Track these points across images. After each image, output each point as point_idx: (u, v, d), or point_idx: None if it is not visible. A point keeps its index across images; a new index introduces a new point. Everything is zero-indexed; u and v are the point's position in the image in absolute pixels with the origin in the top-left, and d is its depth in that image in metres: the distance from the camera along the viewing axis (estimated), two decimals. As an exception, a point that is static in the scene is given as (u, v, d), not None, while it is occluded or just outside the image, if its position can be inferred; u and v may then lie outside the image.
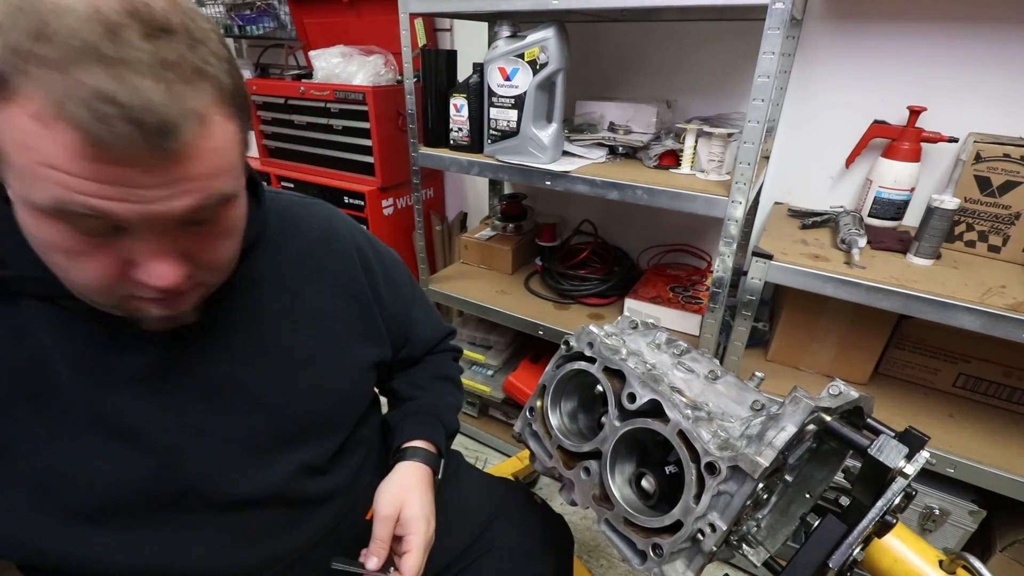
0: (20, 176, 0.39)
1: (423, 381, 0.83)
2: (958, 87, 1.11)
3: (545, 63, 1.09)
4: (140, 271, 0.44)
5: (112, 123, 0.36)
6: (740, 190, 0.96)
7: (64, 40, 0.36)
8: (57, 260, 0.44)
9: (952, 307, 0.88)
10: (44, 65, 0.36)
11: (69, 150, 0.37)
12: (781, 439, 0.47)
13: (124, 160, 0.38)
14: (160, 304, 0.48)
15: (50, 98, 0.36)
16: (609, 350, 0.61)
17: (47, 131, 0.37)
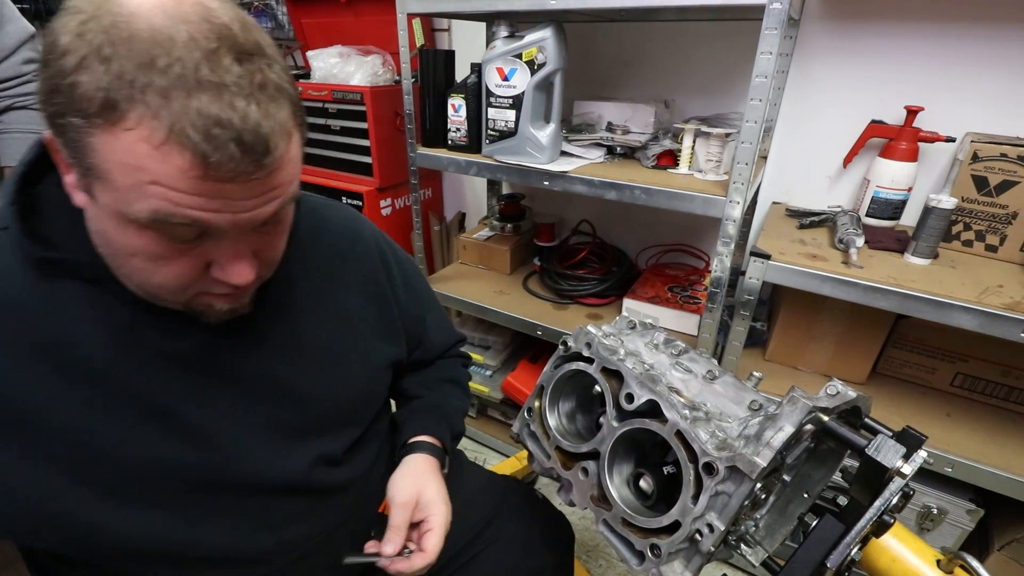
0: (118, 192, 0.41)
1: (431, 382, 0.85)
2: (955, 87, 1.12)
3: (543, 63, 1.09)
4: (219, 271, 0.48)
5: (221, 145, 0.40)
6: (738, 190, 0.96)
7: (172, 69, 0.39)
8: (137, 264, 0.46)
9: (949, 306, 0.88)
10: (155, 92, 0.38)
11: (179, 169, 0.40)
12: (779, 439, 0.47)
13: (228, 177, 0.41)
14: (227, 299, 0.52)
15: (163, 123, 0.39)
16: (607, 350, 0.61)
17: (158, 153, 0.39)
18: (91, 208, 0.45)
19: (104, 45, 0.38)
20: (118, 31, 0.38)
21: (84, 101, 0.39)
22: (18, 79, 0.98)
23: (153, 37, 0.39)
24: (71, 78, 0.38)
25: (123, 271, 0.48)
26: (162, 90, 0.38)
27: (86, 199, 0.45)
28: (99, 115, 0.39)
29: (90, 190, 0.43)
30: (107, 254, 0.48)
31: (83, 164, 0.42)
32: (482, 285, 1.57)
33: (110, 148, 0.40)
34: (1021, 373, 1.07)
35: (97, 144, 0.40)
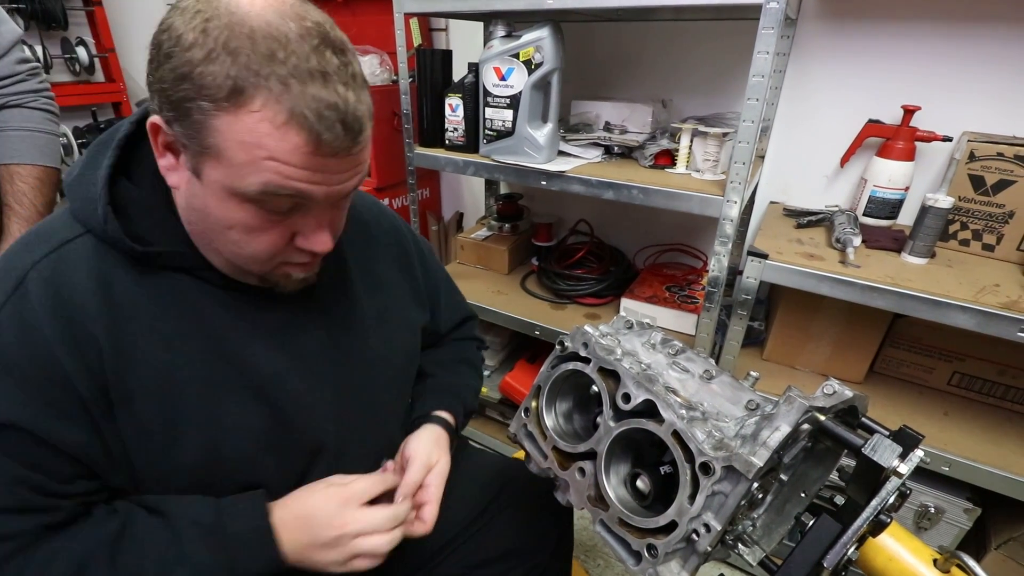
0: (232, 167, 0.47)
1: (446, 362, 0.89)
2: (952, 86, 1.12)
3: (540, 63, 1.09)
4: (304, 240, 0.54)
5: (331, 125, 0.47)
6: (735, 189, 0.96)
7: (290, 60, 0.45)
8: (233, 236, 0.52)
9: (947, 306, 0.88)
10: (277, 80, 0.45)
11: (295, 146, 0.46)
12: (775, 439, 0.46)
13: (332, 152, 0.48)
14: (304, 268, 0.59)
15: (284, 106, 0.45)
16: (604, 350, 0.61)
17: (278, 132, 0.45)
18: (193, 186, 0.51)
19: (230, 39, 0.44)
20: (241, 28, 0.44)
21: (213, 88, 0.44)
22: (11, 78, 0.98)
23: (270, 33, 0.45)
24: (200, 68, 0.44)
25: (215, 244, 0.54)
26: (282, 78, 0.45)
27: (188, 178, 0.50)
28: (227, 99, 0.44)
29: (198, 168, 0.49)
30: (201, 230, 0.54)
31: (201, 144, 0.47)
32: (480, 285, 1.57)
33: (233, 128, 0.45)
34: (1018, 372, 1.07)
35: (220, 125, 0.45)
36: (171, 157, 0.51)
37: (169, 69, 0.45)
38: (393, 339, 0.75)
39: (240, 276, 0.58)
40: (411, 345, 0.80)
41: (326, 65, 0.46)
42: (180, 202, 0.54)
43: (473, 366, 0.93)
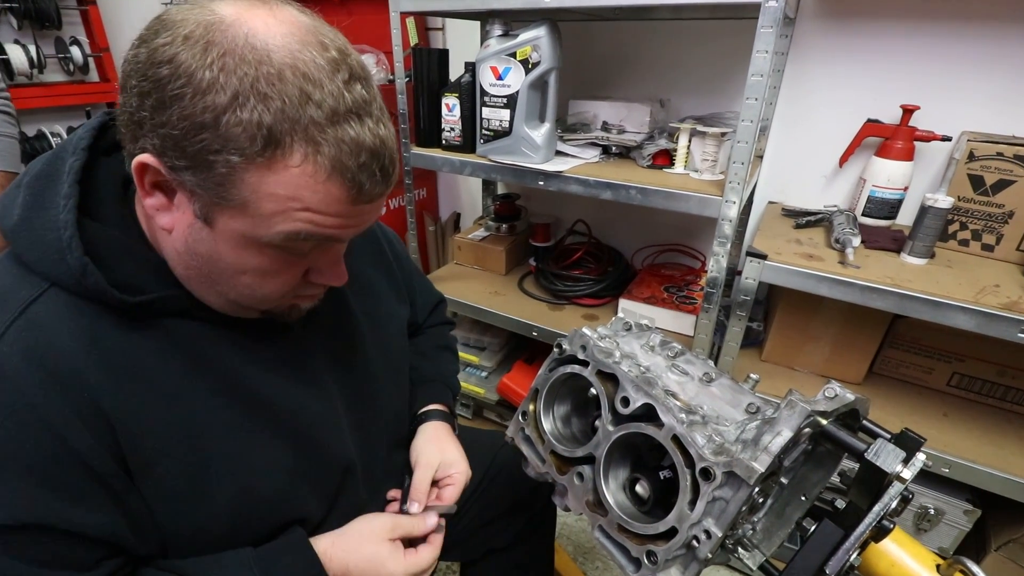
0: (257, 218, 0.43)
1: (427, 350, 0.89)
2: (951, 86, 1.11)
3: (537, 62, 1.08)
4: (319, 275, 0.52)
5: (371, 173, 0.44)
6: (734, 190, 0.95)
7: (326, 103, 0.40)
8: (245, 280, 0.48)
9: (947, 306, 0.87)
10: (315, 128, 0.40)
11: (336, 199, 0.43)
12: (777, 444, 0.46)
13: (369, 199, 0.46)
14: (312, 299, 0.56)
15: (326, 159, 0.41)
16: (602, 353, 0.61)
17: (320, 186, 0.42)
18: (197, 232, 0.45)
19: (258, 80, 0.38)
20: (268, 65, 0.39)
21: (244, 140, 0.39)
22: None
23: (299, 70, 0.40)
24: (226, 116, 0.38)
25: (220, 288, 0.49)
26: (320, 126, 0.40)
27: (191, 222, 0.45)
28: (261, 153, 0.40)
29: (211, 216, 0.44)
30: (203, 274, 0.48)
31: (220, 195, 0.42)
32: (477, 286, 1.56)
33: (264, 182, 0.41)
34: (1017, 372, 1.07)
35: (250, 179, 0.41)
36: (162, 197, 0.45)
37: (180, 115, 0.39)
38: (386, 341, 0.74)
39: (239, 312, 0.54)
40: (403, 343, 0.80)
41: (359, 102, 0.42)
42: (171, 244, 0.48)
43: (452, 351, 0.95)
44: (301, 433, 0.58)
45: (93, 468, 0.45)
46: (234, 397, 0.53)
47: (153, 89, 0.39)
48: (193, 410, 0.51)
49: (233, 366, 0.54)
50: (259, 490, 0.55)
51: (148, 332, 0.49)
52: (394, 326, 0.77)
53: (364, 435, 0.68)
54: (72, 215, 0.45)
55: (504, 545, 0.87)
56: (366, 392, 0.69)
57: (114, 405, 0.46)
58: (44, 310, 0.45)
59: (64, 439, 0.44)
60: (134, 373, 0.48)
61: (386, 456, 0.74)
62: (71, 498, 0.45)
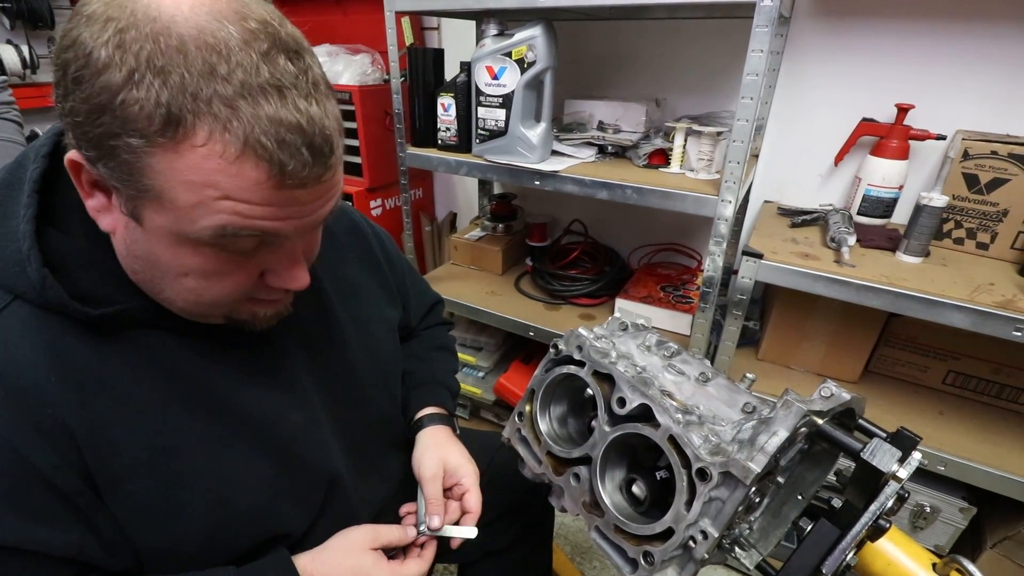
0: (178, 211, 0.39)
1: (421, 353, 0.87)
2: (946, 84, 1.12)
3: (533, 62, 1.08)
4: (275, 278, 0.47)
5: (295, 151, 0.38)
6: (730, 189, 0.95)
7: (235, 75, 0.36)
8: (188, 284, 0.44)
9: (942, 305, 0.88)
10: (222, 103, 0.36)
11: (254, 182, 0.38)
12: (773, 444, 0.46)
13: (300, 183, 0.40)
14: (274, 305, 0.52)
15: (236, 136, 0.37)
16: (598, 353, 0.60)
17: (232, 167, 0.37)
18: (132, 232, 0.43)
19: (155, 55, 0.35)
20: (167, 38, 0.35)
21: (142, 119, 0.36)
22: None
23: (205, 41, 0.36)
24: (122, 95, 0.35)
25: (167, 294, 0.46)
26: (228, 99, 0.36)
27: (126, 223, 0.42)
28: (161, 133, 0.36)
29: (137, 213, 0.41)
30: (148, 278, 0.46)
31: (135, 186, 0.39)
32: (474, 286, 1.55)
33: (173, 167, 0.37)
34: (1012, 370, 1.07)
35: (157, 164, 0.37)
36: (101, 196, 0.42)
37: (81, 98, 0.36)
38: (374, 345, 0.71)
39: (203, 319, 0.51)
40: (393, 346, 0.77)
41: (280, 75, 0.38)
42: (117, 247, 0.45)
43: (448, 350, 0.92)
44: (280, 445, 0.56)
45: (57, 486, 0.44)
46: (208, 409, 0.51)
47: (62, 76, 0.37)
48: (164, 424, 0.49)
49: (206, 377, 0.51)
50: (236, 505, 0.53)
51: (115, 345, 0.47)
52: (383, 329, 0.74)
53: (351, 441, 0.66)
54: (30, 226, 0.44)
55: (502, 547, 0.87)
56: (352, 398, 0.66)
57: (79, 421, 0.44)
58: (5, 325, 0.44)
59: (25, 458, 0.42)
60: (100, 387, 0.46)
61: (379, 461, 0.73)
62: (35, 517, 0.43)
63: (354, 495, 0.66)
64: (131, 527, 0.48)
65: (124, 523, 0.48)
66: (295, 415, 0.58)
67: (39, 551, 0.44)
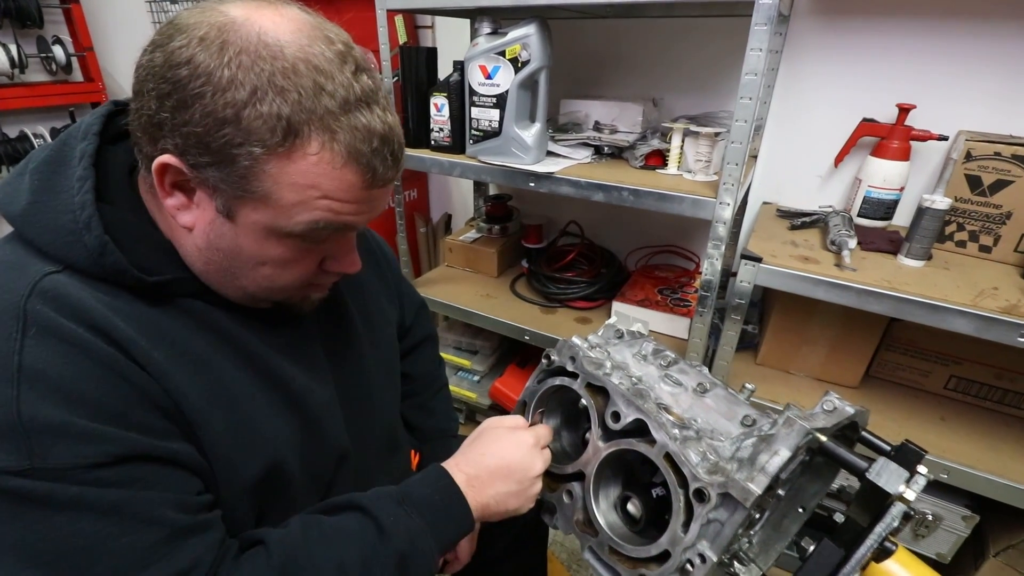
0: (279, 208, 0.45)
1: (427, 402, 0.91)
2: (948, 84, 1.09)
3: (527, 61, 1.05)
4: (335, 264, 0.54)
5: (384, 158, 0.46)
6: (728, 191, 0.93)
7: (338, 93, 0.43)
8: (265, 271, 0.50)
9: (945, 310, 0.86)
10: (331, 116, 0.43)
11: (350, 184, 0.45)
12: (774, 464, 0.43)
13: (382, 184, 0.48)
14: (324, 289, 0.58)
15: (342, 146, 0.43)
16: (592, 364, 0.58)
17: (336, 172, 0.44)
18: (219, 227, 0.47)
19: (274, 76, 0.41)
20: (281, 60, 0.41)
21: (264, 132, 0.41)
22: None
23: (310, 63, 0.42)
24: (248, 110, 0.41)
25: (241, 281, 0.51)
26: (334, 115, 0.43)
27: (212, 218, 0.46)
28: (281, 144, 0.42)
29: (233, 210, 0.45)
30: (226, 267, 0.49)
31: (243, 188, 0.44)
32: (469, 288, 1.53)
33: (284, 172, 0.43)
34: (1015, 375, 1.05)
35: (271, 170, 0.43)
36: (182, 196, 0.47)
37: (203, 113, 0.41)
38: (379, 340, 0.74)
39: (250, 303, 0.54)
40: (393, 341, 0.80)
41: (367, 91, 0.45)
42: (192, 241, 0.49)
43: (443, 382, 0.96)
44: (311, 418, 0.58)
45: (159, 404, 0.45)
46: (256, 372, 0.54)
47: (173, 90, 0.41)
48: (223, 378, 0.50)
49: (251, 343, 0.54)
50: (287, 465, 0.54)
51: (167, 308, 0.50)
52: (385, 324, 0.77)
53: (357, 429, 0.67)
54: (90, 196, 0.46)
55: (497, 556, 0.85)
56: (361, 389, 0.68)
57: (149, 361, 0.45)
58: (62, 281, 0.45)
59: (123, 375, 0.43)
60: (160, 338, 0.47)
61: (381, 457, 0.74)
62: (154, 432, 0.44)
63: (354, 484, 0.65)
64: (214, 466, 0.49)
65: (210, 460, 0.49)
66: (320, 392, 0.60)
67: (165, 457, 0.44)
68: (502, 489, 0.57)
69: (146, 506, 0.42)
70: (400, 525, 0.51)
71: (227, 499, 0.50)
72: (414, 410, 0.90)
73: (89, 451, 0.40)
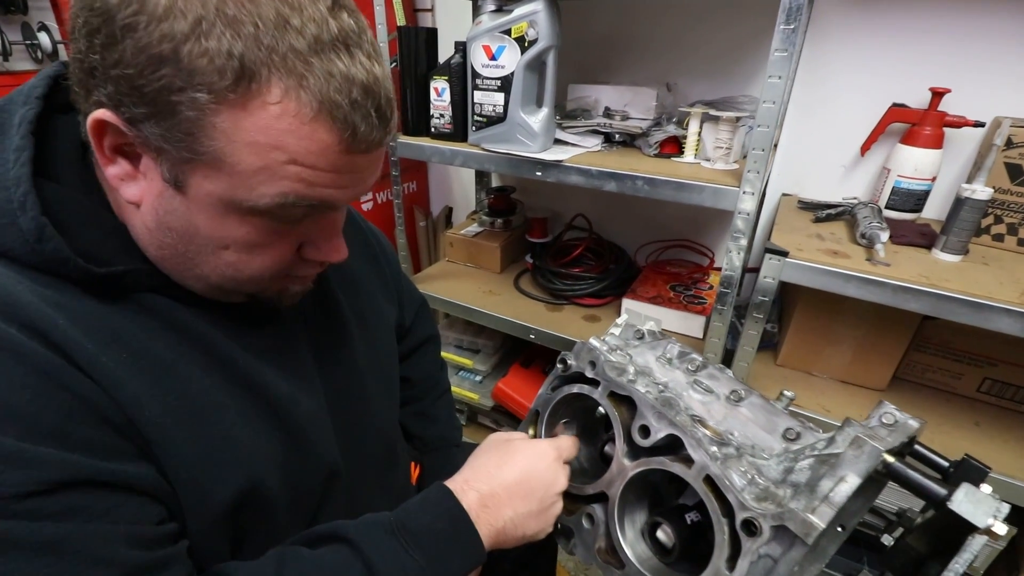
0: (237, 177, 0.36)
1: (428, 408, 0.86)
2: (985, 67, 1.02)
3: (534, 39, 0.98)
4: (314, 251, 0.45)
5: (366, 113, 0.37)
6: (753, 180, 0.86)
7: (307, 28, 0.34)
8: (227, 257, 0.41)
9: (989, 308, 0.79)
10: (297, 57, 0.34)
11: (324, 146, 0.37)
12: (841, 494, 0.37)
13: (364, 148, 0.39)
14: (306, 281, 0.50)
15: (312, 94, 0.35)
16: (614, 369, 0.51)
17: (304, 128, 0.35)
18: (168, 201, 0.39)
19: (224, 2, 0.32)
20: None
21: (211, 72, 0.33)
22: None
23: None
24: (188, 45, 0.32)
25: (201, 270, 0.42)
26: (303, 55, 0.34)
27: (160, 190, 0.38)
28: (232, 88, 0.33)
29: (182, 178, 0.37)
30: (181, 252, 0.41)
31: (190, 148, 0.35)
32: (471, 285, 1.46)
33: (240, 127, 0.35)
34: (1055, 378, 0.98)
35: (222, 123, 0.35)
36: (126, 163, 0.39)
37: (135, 48, 0.33)
38: (376, 341, 0.67)
39: (219, 296, 0.47)
40: (391, 342, 0.73)
41: (347, 32, 0.36)
42: (141, 220, 0.41)
43: (446, 387, 0.91)
44: (294, 428, 0.50)
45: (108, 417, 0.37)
46: (229, 379, 0.46)
47: (102, 24, 0.33)
48: (189, 387, 0.43)
49: (222, 346, 0.46)
50: (266, 486, 0.46)
51: (121, 305, 0.42)
52: (383, 326, 0.70)
53: (350, 441, 0.59)
54: (26, 169, 0.38)
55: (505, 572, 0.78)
56: (354, 394, 0.61)
57: (97, 368, 0.37)
58: None
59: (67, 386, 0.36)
60: (113, 339, 0.39)
61: (378, 473, 0.66)
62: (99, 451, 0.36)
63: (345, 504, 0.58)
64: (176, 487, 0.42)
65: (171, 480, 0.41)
66: (306, 401, 0.53)
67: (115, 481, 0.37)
68: (521, 509, 0.49)
69: (91, 542, 0.35)
70: (394, 563, 0.43)
71: (196, 528, 0.42)
72: (414, 417, 0.84)
73: (18, 477, 0.32)
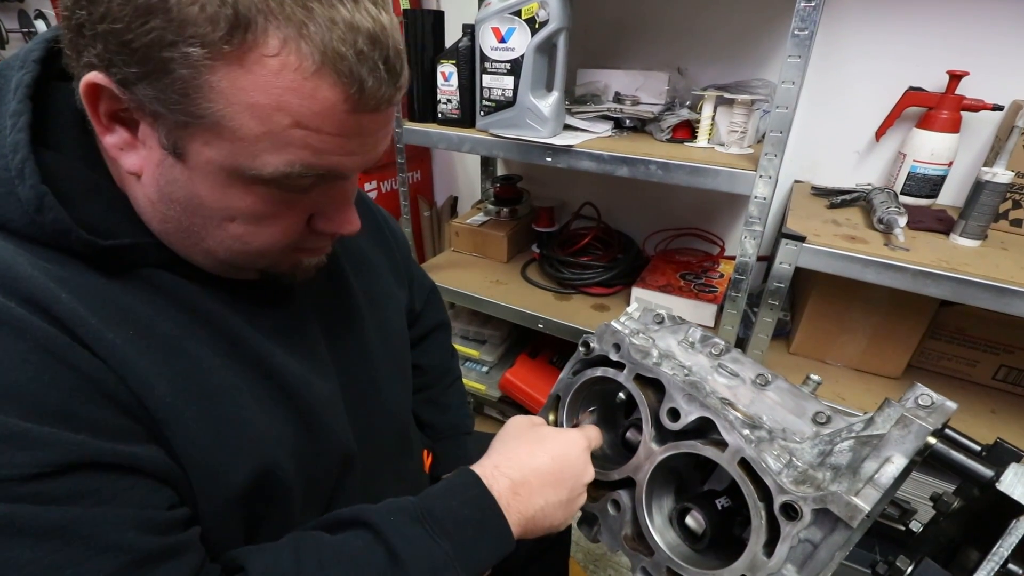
0: (240, 143, 0.34)
1: (439, 396, 0.84)
2: (1003, 49, 1.00)
3: (545, 21, 0.96)
4: (325, 222, 0.43)
5: (374, 66, 0.34)
6: (769, 163, 0.85)
7: None
8: (234, 230, 0.39)
9: (1012, 293, 0.77)
10: (298, 5, 0.31)
11: (329, 105, 0.34)
12: (887, 475, 0.35)
13: (373, 107, 0.36)
14: (319, 253, 0.48)
15: (314, 45, 0.32)
16: (639, 352, 0.50)
17: (307, 84, 0.33)
18: (169, 171, 0.36)
19: None
20: None
21: (203, 23, 0.30)
22: None
23: None
24: None
25: (208, 244, 0.40)
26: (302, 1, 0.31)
27: (160, 159, 0.36)
28: (227, 40, 0.31)
29: (181, 146, 0.35)
30: (186, 226, 0.39)
31: (187, 111, 0.33)
32: (477, 274, 1.44)
33: (237, 85, 0.32)
34: (1073, 365, 0.97)
35: (219, 82, 0.32)
36: (123, 131, 0.36)
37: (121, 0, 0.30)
38: (387, 324, 0.65)
39: (232, 274, 0.45)
40: (402, 327, 0.70)
41: None
42: (143, 192, 0.39)
43: (457, 374, 0.89)
44: (306, 411, 0.48)
45: (115, 396, 0.35)
46: (241, 360, 0.44)
47: None
48: (199, 366, 0.40)
49: (232, 325, 0.44)
50: (280, 470, 0.44)
51: (126, 280, 0.39)
52: (393, 308, 0.68)
53: (363, 426, 0.57)
54: (24, 135, 0.36)
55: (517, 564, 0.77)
56: (364, 377, 0.59)
57: (107, 349, 0.35)
58: None
59: (73, 365, 0.34)
60: (120, 316, 0.37)
61: (392, 459, 0.64)
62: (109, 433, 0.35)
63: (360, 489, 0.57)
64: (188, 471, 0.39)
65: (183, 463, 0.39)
66: (320, 384, 0.51)
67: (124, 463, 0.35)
68: (552, 498, 0.47)
69: (100, 527, 0.33)
70: (420, 551, 0.41)
71: (209, 513, 0.40)
72: (425, 405, 0.83)
73: (22, 458, 0.31)
